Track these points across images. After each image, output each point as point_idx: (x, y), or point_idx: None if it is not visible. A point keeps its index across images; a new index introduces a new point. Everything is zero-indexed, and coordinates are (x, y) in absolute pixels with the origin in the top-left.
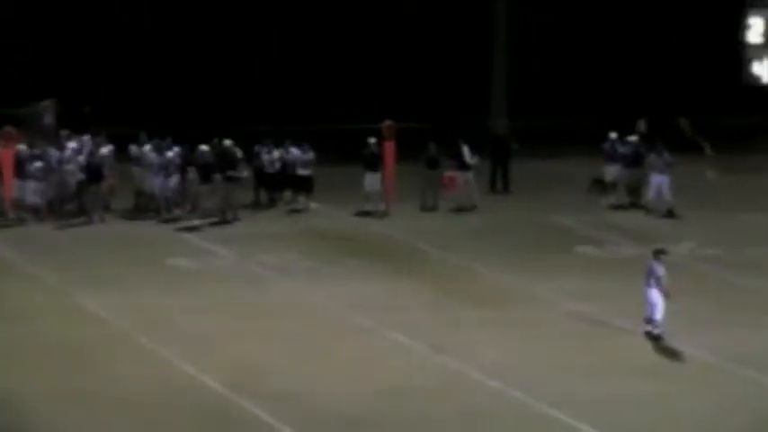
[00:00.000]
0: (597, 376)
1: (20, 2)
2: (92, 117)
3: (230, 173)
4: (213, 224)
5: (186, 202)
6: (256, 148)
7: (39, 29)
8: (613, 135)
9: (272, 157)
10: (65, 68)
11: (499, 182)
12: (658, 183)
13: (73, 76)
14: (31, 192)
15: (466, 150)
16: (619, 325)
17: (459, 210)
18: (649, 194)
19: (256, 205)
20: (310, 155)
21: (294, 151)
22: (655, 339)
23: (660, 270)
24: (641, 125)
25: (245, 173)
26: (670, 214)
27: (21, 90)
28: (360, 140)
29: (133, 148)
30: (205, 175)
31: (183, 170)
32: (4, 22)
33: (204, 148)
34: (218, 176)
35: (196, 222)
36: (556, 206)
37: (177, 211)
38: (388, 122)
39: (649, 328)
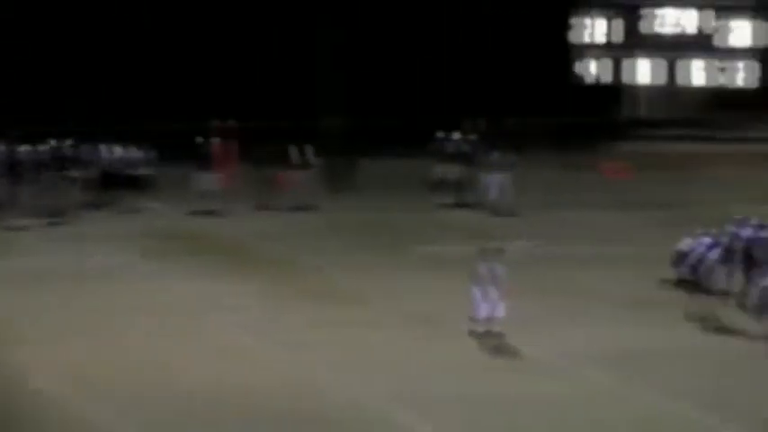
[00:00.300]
0: (439, 375)
1: None
2: None
3: (68, 172)
4: (52, 224)
5: (22, 202)
6: (95, 147)
7: None
8: (449, 134)
9: (111, 156)
10: None
11: (340, 181)
12: (498, 182)
13: None
14: None
15: (304, 150)
16: (457, 324)
17: (298, 209)
18: (488, 193)
19: (95, 205)
20: (149, 154)
21: (133, 151)
22: (488, 337)
23: (496, 269)
24: (477, 124)
25: (83, 172)
26: (508, 212)
27: None
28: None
29: None
30: (41, 176)
31: (15, 171)
32: None
33: (40, 148)
34: (55, 176)
35: (35, 223)
36: (395, 205)
37: (15, 211)
38: (226, 122)
39: (479, 326)
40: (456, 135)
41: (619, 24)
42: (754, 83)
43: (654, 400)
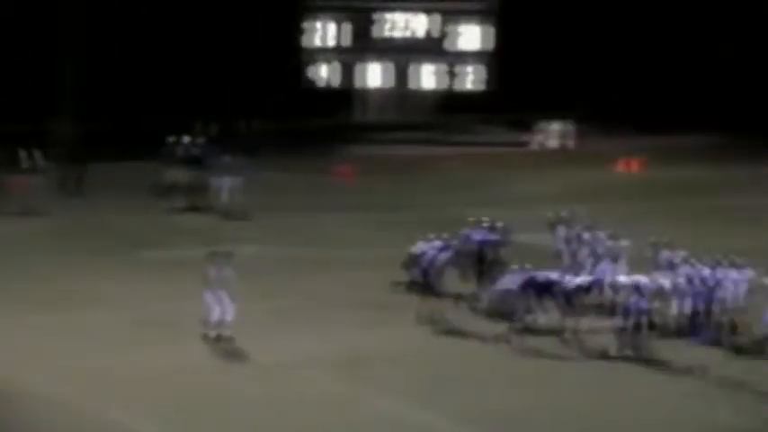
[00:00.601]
0: (169, 379)
1: None
2: None
3: None
4: None
5: None
6: None
7: None
8: (179, 137)
9: None
10: None
11: (70, 186)
12: (228, 185)
13: None
14: None
15: (33, 154)
16: (186, 328)
17: (26, 214)
18: (219, 197)
19: None
20: None
21: None
22: (219, 341)
23: (226, 273)
24: (210, 129)
25: None
26: (239, 216)
27: None
28: None
29: None
30: None
31: None
32: None
33: None
34: None
35: None
36: (126, 209)
37: None
38: None
39: (210, 330)
40: (187, 139)
41: (350, 28)
42: (482, 86)
43: (381, 401)
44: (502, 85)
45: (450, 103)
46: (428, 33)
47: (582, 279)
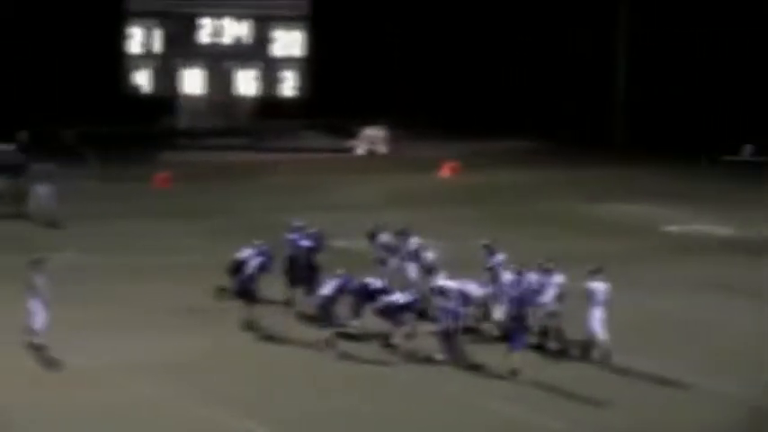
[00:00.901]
0: None
1: None
2: None
3: None
4: None
5: None
6: None
7: None
8: None
9: None
10: None
11: None
12: (44, 192)
13: None
14: None
15: None
16: (5, 335)
17: None
18: (34, 203)
19: None
20: None
21: None
22: (37, 349)
23: (40, 280)
24: (22, 135)
25: None
26: (53, 223)
27: None
28: None
29: None
30: None
31: None
32: None
33: None
34: None
35: None
36: None
37: None
38: None
39: (31, 337)
40: (2, 146)
41: (172, 34)
42: (298, 92)
43: (199, 409)
44: (317, 90)
45: (269, 109)
46: (245, 39)
47: (406, 298)
